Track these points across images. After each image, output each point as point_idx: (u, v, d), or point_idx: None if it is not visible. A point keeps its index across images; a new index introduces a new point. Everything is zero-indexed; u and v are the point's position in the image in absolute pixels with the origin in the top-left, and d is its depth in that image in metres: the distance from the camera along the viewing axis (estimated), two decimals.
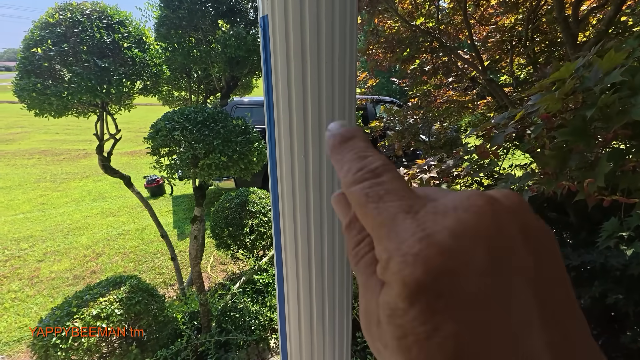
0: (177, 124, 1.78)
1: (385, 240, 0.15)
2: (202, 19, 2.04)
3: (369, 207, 0.17)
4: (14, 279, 3.37)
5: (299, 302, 1.08)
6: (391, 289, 0.15)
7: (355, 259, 0.19)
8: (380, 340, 0.16)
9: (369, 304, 0.17)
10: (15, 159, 8.29)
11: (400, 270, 0.14)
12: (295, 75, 0.82)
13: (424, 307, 0.14)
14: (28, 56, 1.88)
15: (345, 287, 1.12)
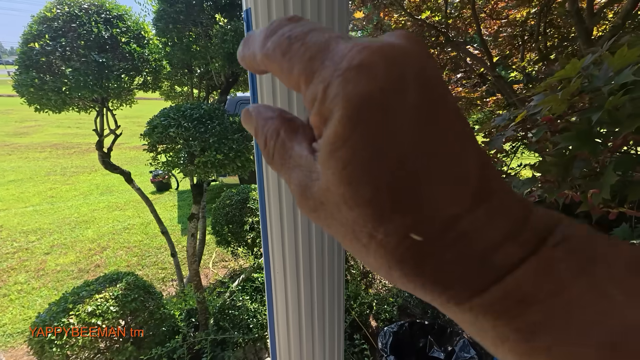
0: (172, 120, 1.76)
1: (319, 71, 0.14)
2: (201, 13, 2.00)
3: (294, 48, 0.15)
4: (21, 271, 3.43)
5: (287, 308, 1.04)
6: (331, 119, 0.13)
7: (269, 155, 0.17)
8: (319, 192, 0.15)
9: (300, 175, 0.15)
10: (28, 152, 8.46)
11: (342, 89, 0.13)
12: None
13: (368, 125, 0.13)
14: (26, 51, 1.88)
15: (336, 293, 1.08)
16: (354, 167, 0.13)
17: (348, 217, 0.14)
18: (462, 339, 1.88)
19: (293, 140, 0.16)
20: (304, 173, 0.15)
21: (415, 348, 1.94)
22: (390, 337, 1.86)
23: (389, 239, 0.13)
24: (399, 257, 0.13)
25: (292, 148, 0.16)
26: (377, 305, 2.67)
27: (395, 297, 2.80)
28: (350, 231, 0.14)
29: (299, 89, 0.15)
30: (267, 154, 0.17)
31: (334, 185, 0.14)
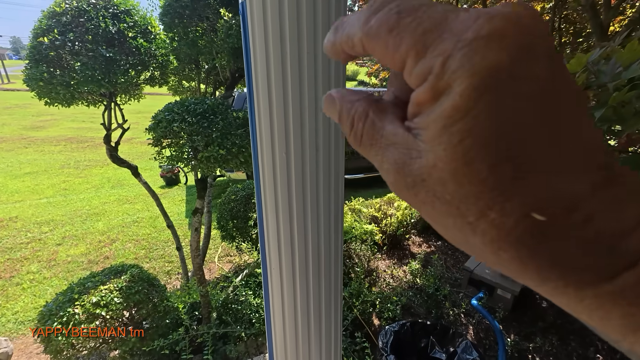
0: (176, 115, 1.77)
1: (436, 44, 0.13)
2: (206, 7, 2.00)
3: (404, 23, 0.14)
4: (34, 260, 3.53)
5: (283, 305, 1.04)
6: (449, 93, 0.13)
7: (357, 136, 0.17)
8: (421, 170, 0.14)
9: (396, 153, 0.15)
10: (44, 145, 8.68)
11: (468, 60, 0.12)
12: (275, 69, 0.76)
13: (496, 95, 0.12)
14: (36, 45, 1.91)
15: (333, 290, 1.07)
16: (473, 140, 0.13)
17: (455, 194, 0.14)
18: (465, 340, 1.85)
19: (384, 120, 0.16)
20: (400, 151, 0.15)
21: (417, 348, 1.92)
22: (391, 336, 1.84)
23: (505, 219, 0.13)
24: (516, 237, 0.13)
25: (383, 128, 0.16)
26: (380, 304, 2.66)
27: (399, 296, 2.77)
28: (454, 208, 0.14)
29: (402, 67, 0.15)
30: (355, 136, 0.17)
31: (443, 161, 0.13)
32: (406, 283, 3.11)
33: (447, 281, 3.14)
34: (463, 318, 2.69)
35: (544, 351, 2.36)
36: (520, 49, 0.12)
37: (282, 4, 0.71)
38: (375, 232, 3.38)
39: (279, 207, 0.87)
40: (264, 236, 0.94)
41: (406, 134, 0.15)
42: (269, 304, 1.04)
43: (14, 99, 16.89)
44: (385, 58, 0.15)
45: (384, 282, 3.10)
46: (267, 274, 1.00)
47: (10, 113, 13.15)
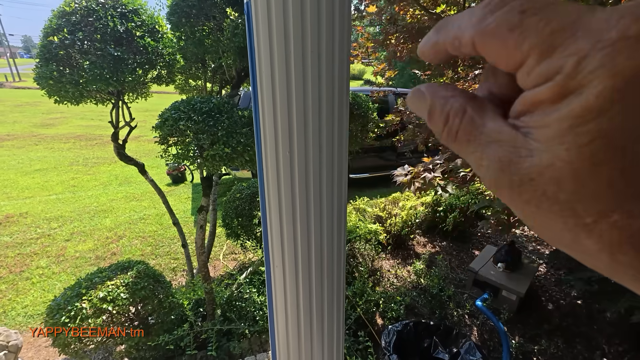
0: (183, 113, 1.78)
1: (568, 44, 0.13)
2: (213, 7, 2.02)
3: (529, 22, 0.14)
4: (43, 256, 3.59)
5: (285, 303, 1.05)
6: (580, 95, 0.13)
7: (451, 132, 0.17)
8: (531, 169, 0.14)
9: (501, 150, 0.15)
10: (53, 142, 8.82)
11: (609, 61, 0.12)
12: (279, 69, 0.76)
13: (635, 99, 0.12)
14: (46, 44, 1.94)
15: (336, 290, 1.08)
16: (604, 142, 0.12)
17: (573, 194, 0.13)
18: (468, 341, 1.85)
19: (484, 116, 0.16)
20: (505, 149, 0.15)
21: (420, 348, 1.91)
22: (394, 335, 1.84)
23: (631, 221, 0.12)
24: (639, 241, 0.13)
25: (483, 124, 0.16)
26: (384, 304, 2.66)
27: (403, 295, 2.77)
28: (566, 209, 0.14)
29: (519, 67, 0.14)
30: (449, 132, 0.17)
31: (564, 161, 0.13)
32: (410, 283, 3.11)
33: (451, 282, 3.13)
34: (467, 319, 2.68)
35: (549, 354, 2.34)
36: None
37: (286, 4, 0.71)
38: (380, 232, 3.38)
39: (282, 205, 0.88)
40: (267, 234, 0.95)
41: (513, 131, 0.15)
42: (272, 301, 1.05)
43: (25, 97, 17.19)
44: (499, 58, 0.15)
45: (387, 282, 3.10)
46: (270, 272, 1.01)
47: (21, 111, 13.38)
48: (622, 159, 0.12)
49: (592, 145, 0.13)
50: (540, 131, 0.14)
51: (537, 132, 0.14)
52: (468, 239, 3.90)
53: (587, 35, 0.13)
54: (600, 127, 0.12)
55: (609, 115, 0.12)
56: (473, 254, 3.59)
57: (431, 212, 3.94)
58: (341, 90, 0.82)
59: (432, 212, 3.94)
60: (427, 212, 3.96)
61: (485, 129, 0.16)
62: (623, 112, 0.12)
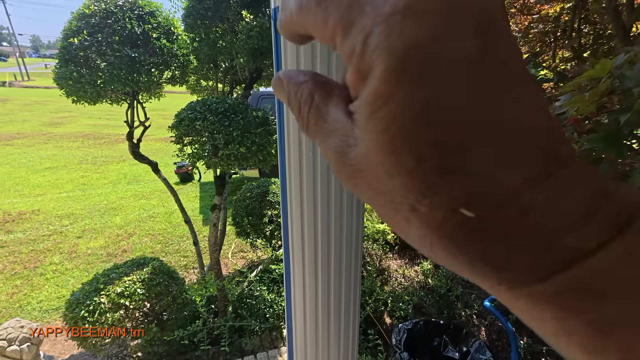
0: (199, 114, 1.82)
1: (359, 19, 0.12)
2: (228, 9, 2.06)
3: None
4: (56, 252, 3.66)
5: (304, 297, 1.08)
6: (371, 77, 0.12)
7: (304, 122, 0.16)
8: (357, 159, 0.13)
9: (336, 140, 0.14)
10: (62, 141, 8.94)
11: (385, 38, 0.11)
12: (305, 67, 0.79)
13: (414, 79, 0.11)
14: (66, 46, 2.00)
15: (353, 287, 1.10)
16: (397, 129, 0.11)
17: (388, 186, 0.13)
18: (478, 340, 1.86)
19: (328, 104, 0.15)
20: (340, 138, 0.14)
21: (430, 347, 1.94)
22: (405, 334, 1.87)
23: (434, 213, 0.12)
24: (445, 233, 0.12)
25: (327, 112, 0.15)
26: (392, 303, 2.68)
27: (410, 295, 2.79)
28: (389, 202, 0.13)
29: (335, 45, 0.13)
30: (302, 121, 0.16)
31: (373, 151, 0.13)
32: (418, 283, 3.12)
33: (459, 282, 3.14)
34: (475, 319, 2.69)
35: (557, 355, 2.35)
36: (442, 24, 0.11)
37: None
38: (387, 232, 3.40)
39: (304, 204, 0.91)
40: (288, 232, 0.98)
41: (345, 119, 0.14)
42: (290, 297, 1.07)
43: (34, 96, 17.43)
44: (318, 35, 0.14)
45: (395, 282, 3.12)
46: (290, 269, 1.04)
47: (30, 110, 13.56)
48: (416, 148, 0.11)
49: (388, 133, 0.12)
50: (358, 118, 0.13)
51: (358, 118, 0.13)
52: None
53: (371, 10, 0.12)
54: (391, 113, 0.11)
55: (396, 100, 0.11)
56: None
57: None
58: None
59: None
60: None
61: (328, 117, 0.15)
62: (407, 95, 0.11)
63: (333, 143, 0.14)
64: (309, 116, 0.16)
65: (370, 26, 0.11)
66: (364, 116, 0.13)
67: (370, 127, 0.12)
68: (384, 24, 0.11)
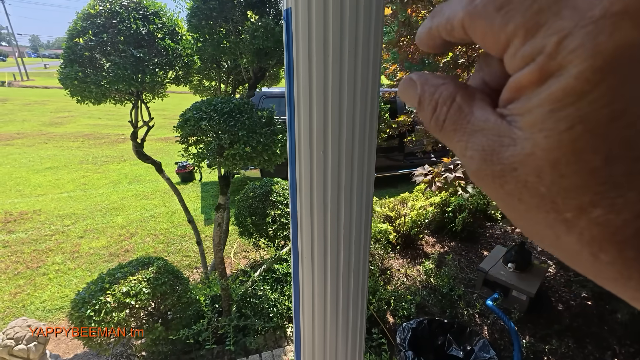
0: (204, 114, 1.83)
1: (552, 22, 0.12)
2: (232, 9, 2.06)
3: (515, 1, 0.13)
4: (58, 252, 3.66)
5: (313, 296, 1.08)
6: (560, 77, 0.12)
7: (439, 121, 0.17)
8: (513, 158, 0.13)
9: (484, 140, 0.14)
10: (62, 141, 8.93)
11: (591, 39, 0.11)
12: (317, 69, 0.80)
13: (621, 81, 0.11)
14: (71, 46, 2.00)
15: (361, 284, 1.11)
16: (585, 127, 0.11)
17: (552, 185, 0.12)
18: (482, 339, 1.88)
19: (472, 105, 0.16)
20: (489, 137, 0.14)
21: (434, 345, 1.95)
22: (409, 332, 1.87)
23: (613, 216, 0.11)
24: (623, 238, 0.11)
25: (471, 113, 0.15)
26: (395, 302, 2.69)
27: (413, 294, 2.80)
28: (547, 202, 0.13)
29: (505, 49, 0.14)
30: (437, 121, 0.17)
31: (544, 149, 0.12)
32: (420, 282, 3.14)
33: (461, 282, 3.15)
34: (478, 318, 2.71)
35: (560, 353, 2.36)
36: None
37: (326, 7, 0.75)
38: (390, 231, 3.41)
39: (314, 202, 0.92)
40: (297, 229, 0.98)
41: (499, 120, 0.14)
42: (299, 296, 1.08)
43: (34, 96, 17.40)
44: (487, 40, 0.14)
45: (398, 281, 3.13)
46: (298, 267, 1.04)
47: (30, 109, 13.53)
48: (606, 147, 0.11)
49: (572, 132, 0.12)
50: (523, 118, 0.13)
51: (521, 119, 0.13)
52: (477, 239, 3.92)
53: (572, 13, 0.12)
54: (581, 111, 0.11)
55: (590, 99, 0.11)
56: (482, 255, 3.61)
57: (440, 213, 3.97)
58: (374, 89, 0.86)
59: (440, 212, 3.97)
60: (436, 213, 3.99)
61: (473, 118, 0.15)
62: (607, 95, 0.11)
63: (479, 142, 0.15)
64: (447, 115, 0.16)
65: (571, 28, 0.12)
66: (539, 114, 0.12)
67: (547, 125, 0.12)
68: (590, 26, 0.11)
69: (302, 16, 0.77)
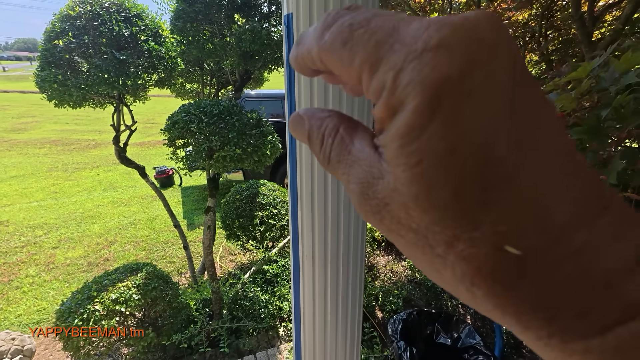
0: (193, 116, 1.83)
1: (387, 57, 0.12)
2: (218, 12, 2.07)
3: (357, 36, 0.13)
4: (31, 264, 3.48)
5: (314, 291, 1.12)
6: (403, 110, 0.12)
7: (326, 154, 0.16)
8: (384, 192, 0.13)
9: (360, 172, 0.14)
10: (27, 148, 8.44)
11: (417, 74, 0.11)
12: None
13: (448, 113, 0.11)
14: (49, 48, 1.93)
15: (359, 278, 1.17)
16: (431, 162, 0.11)
17: (420, 221, 0.12)
18: (468, 326, 1.98)
19: (353, 136, 0.15)
20: (365, 170, 0.14)
21: (423, 335, 2.03)
22: (400, 324, 1.95)
23: (475, 250, 0.11)
24: (487, 272, 0.11)
25: (351, 143, 0.15)
26: (383, 297, 2.77)
27: (400, 289, 2.90)
28: (421, 238, 0.12)
29: (361, 82, 0.14)
30: (324, 154, 0.16)
31: (404, 185, 0.12)
32: (406, 277, 3.24)
33: None
34: (461, 308, 2.84)
35: None
36: (473, 61, 0.11)
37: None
38: (374, 229, 3.50)
39: (314, 201, 0.96)
40: (298, 228, 1.02)
41: (372, 151, 0.14)
42: (299, 291, 1.12)
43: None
44: (342, 74, 0.14)
45: (384, 277, 3.22)
46: (299, 262, 1.08)
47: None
48: (450, 181, 0.11)
49: (421, 167, 0.11)
50: (386, 151, 0.13)
51: (385, 152, 0.13)
52: None
53: (401, 47, 0.12)
54: (423, 146, 0.11)
55: (428, 134, 0.11)
56: None
57: None
58: None
59: None
60: None
61: (353, 149, 0.15)
62: (441, 129, 0.11)
63: (356, 174, 0.14)
64: (332, 148, 0.16)
65: (402, 62, 0.12)
66: (394, 149, 0.12)
67: (401, 161, 0.12)
68: (416, 61, 0.11)
69: (304, 20, 0.82)
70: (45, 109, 12.97)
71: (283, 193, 3.28)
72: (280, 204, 3.10)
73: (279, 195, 3.17)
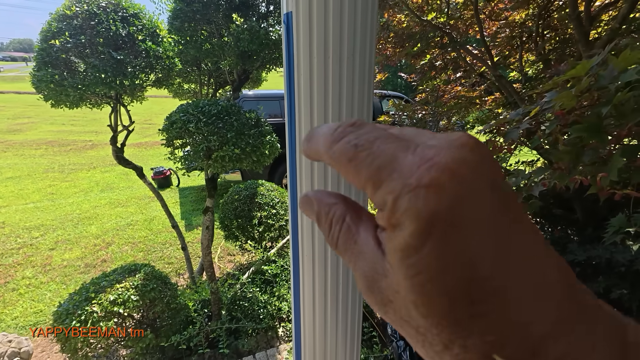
0: (191, 116, 1.82)
1: (388, 181, 0.14)
2: (216, 12, 2.07)
3: (361, 157, 0.15)
4: (27, 266, 3.45)
5: (313, 291, 1.12)
6: (402, 229, 0.14)
7: (334, 239, 0.18)
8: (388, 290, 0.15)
9: (366, 265, 0.16)
10: (23, 149, 8.38)
11: (412, 205, 0.13)
12: (318, 70, 0.84)
13: (438, 240, 0.13)
14: (46, 48, 1.92)
15: None
16: (428, 277, 0.13)
17: (420, 323, 0.14)
18: None
19: (359, 226, 0.17)
20: (369, 265, 0.15)
21: None
22: None
23: (468, 355, 0.13)
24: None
25: (357, 233, 0.17)
26: None
27: None
28: (421, 335, 0.14)
29: (365, 190, 0.16)
30: (332, 238, 0.18)
31: (405, 290, 0.14)
32: None
33: None
34: None
35: None
36: (457, 198, 0.13)
37: (327, 13, 0.80)
38: None
39: None
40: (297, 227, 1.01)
41: (375, 247, 0.15)
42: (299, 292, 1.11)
43: None
44: (349, 179, 0.16)
45: None
46: (299, 262, 1.08)
47: None
48: (445, 292, 0.13)
49: (420, 278, 0.13)
50: (389, 255, 0.15)
51: (387, 254, 0.15)
52: None
53: (399, 177, 0.14)
54: (420, 262, 0.13)
55: (423, 253, 0.13)
56: None
57: None
58: (369, 89, 0.92)
59: None
60: None
61: (359, 239, 0.16)
62: (433, 252, 0.13)
63: (362, 267, 0.16)
64: (339, 235, 0.17)
65: (400, 190, 0.14)
66: (397, 259, 0.14)
67: (402, 270, 0.14)
68: (411, 193, 0.13)
69: (304, 19, 0.81)
70: (41, 110, 12.90)
71: (281, 193, 3.27)
72: (278, 204, 3.09)
73: (278, 196, 3.17)
